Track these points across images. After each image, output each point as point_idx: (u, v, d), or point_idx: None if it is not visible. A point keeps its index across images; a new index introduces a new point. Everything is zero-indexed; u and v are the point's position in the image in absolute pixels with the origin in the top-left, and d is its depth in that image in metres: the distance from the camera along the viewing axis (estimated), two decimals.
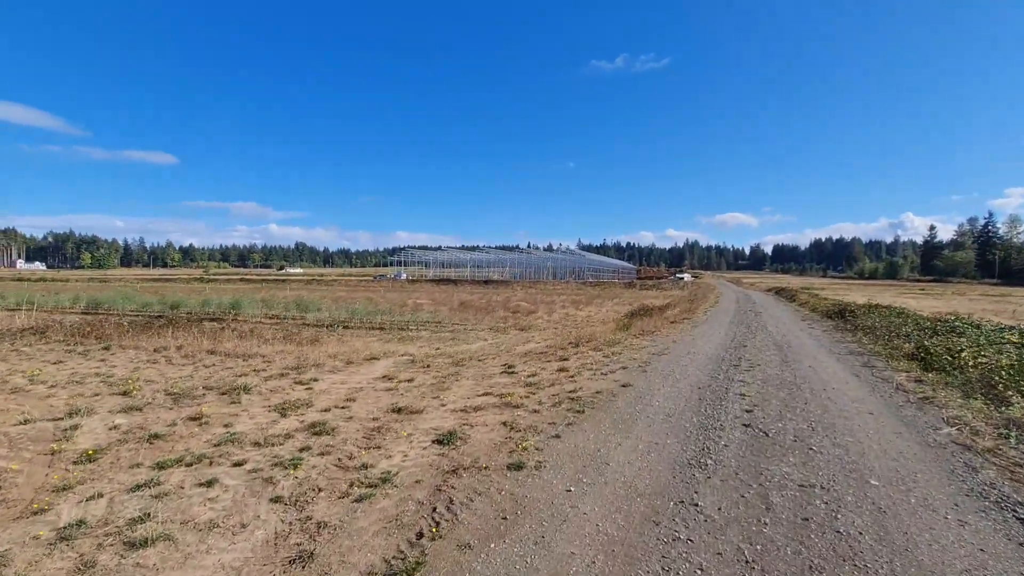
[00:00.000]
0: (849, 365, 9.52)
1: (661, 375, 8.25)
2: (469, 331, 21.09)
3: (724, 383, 7.70)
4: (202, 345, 11.00)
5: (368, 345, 16.31)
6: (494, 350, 14.04)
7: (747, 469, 4.46)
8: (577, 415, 6.01)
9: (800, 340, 13.06)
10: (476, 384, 7.87)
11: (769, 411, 6.21)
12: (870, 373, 8.75)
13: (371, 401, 6.81)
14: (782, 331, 15.00)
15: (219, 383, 7.69)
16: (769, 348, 11.44)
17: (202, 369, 8.96)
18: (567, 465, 4.55)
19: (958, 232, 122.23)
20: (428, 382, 7.99)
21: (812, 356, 10.41)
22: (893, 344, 11.90)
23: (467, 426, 5.70)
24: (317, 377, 8.30)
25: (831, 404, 6.57)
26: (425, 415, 6.14)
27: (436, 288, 59.81)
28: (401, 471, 4.47)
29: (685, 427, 5.58)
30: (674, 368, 8.83)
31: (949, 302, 33.85)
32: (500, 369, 9.14)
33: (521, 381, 7.93)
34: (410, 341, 17.76)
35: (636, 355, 10.26)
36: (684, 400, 6.68)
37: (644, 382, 7.73)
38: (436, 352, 13.14)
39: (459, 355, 11.79)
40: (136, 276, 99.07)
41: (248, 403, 6.66)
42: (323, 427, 5.61)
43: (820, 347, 11.85)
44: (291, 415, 6.13)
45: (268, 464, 4.63)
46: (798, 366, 9.25)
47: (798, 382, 7.87)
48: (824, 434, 5.39)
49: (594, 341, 12.90)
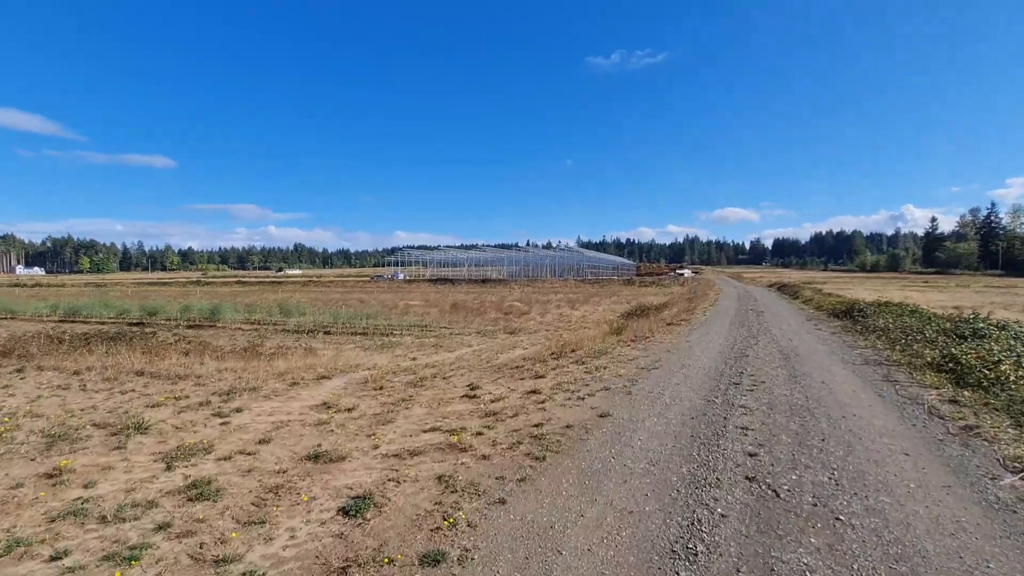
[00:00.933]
0: (868, 379, 8.25)
1: (648, 399, 6.98)
2: (456, 335, 19.88)
3: (722, 410, 6.43)
4: (133, 364, 9.75)
5: (340, 355, 15.09)
6: (473, 359, 12.86)
7: (752, 559, 3.20)
8: (535, 464, 4.76)
9: (808, 346, 11.79)
10: (428, 414, 6.62)
11: (778, 453, 4.94)
12: (893, 390, 7.47)
13: (290, 443, 5.56)
14: (787, 335, 13.73)
15: (119, 418, 6.43)
16: (774, 358, 10.17)
17: (115, 397, 7.71)
18: (503, 556, 3.30)
19: (960, 223, 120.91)
20: (371, 412, 6.73)
21: (824, 368, 9.14)
22: (912, 350, 10.63)
23: (393, 482, 4.45)
24: (243, 407, 7.04)
25: (855, 441, 5.31)
26: (346, 465, 4.89)
27: (432, 288, 58.63)
28: (272, 569, 3.22)
29: (671, 482, 4.32)
30: (664, 388, 7.56)
31: (954, 295, 32.57)
32: (463, 390, 7.88)
33: (481, 409, 6.66)
34: (389, 348, 16.53)
35: (623, 369, 8.99)
36: (673, 438, 5.41)
37: (627, 410, 6.46)
38: (406, 365, 11.92)
39: (428, 369, 10.55)
40: (133, 280, 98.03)
41: (136, 448, 5.41)
42: (207, 488, 4.35)
43: (831, 355, 10.57)
44: (179, 467, 4.88)
45: (97, 558, 3.38)
46: (809, 382, 7.98)
47: (811, 406, 6.60)
48: (852, 492, 4.12)
49: (579, 350, 11.66)
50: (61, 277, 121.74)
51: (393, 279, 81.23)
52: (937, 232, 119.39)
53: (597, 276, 76.58)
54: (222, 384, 8.40)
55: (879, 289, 40.89)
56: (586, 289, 51.21)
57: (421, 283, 72.90)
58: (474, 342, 17.54)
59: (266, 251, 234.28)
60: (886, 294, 33.31)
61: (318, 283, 76.46)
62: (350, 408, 6.89)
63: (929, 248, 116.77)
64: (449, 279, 77.56)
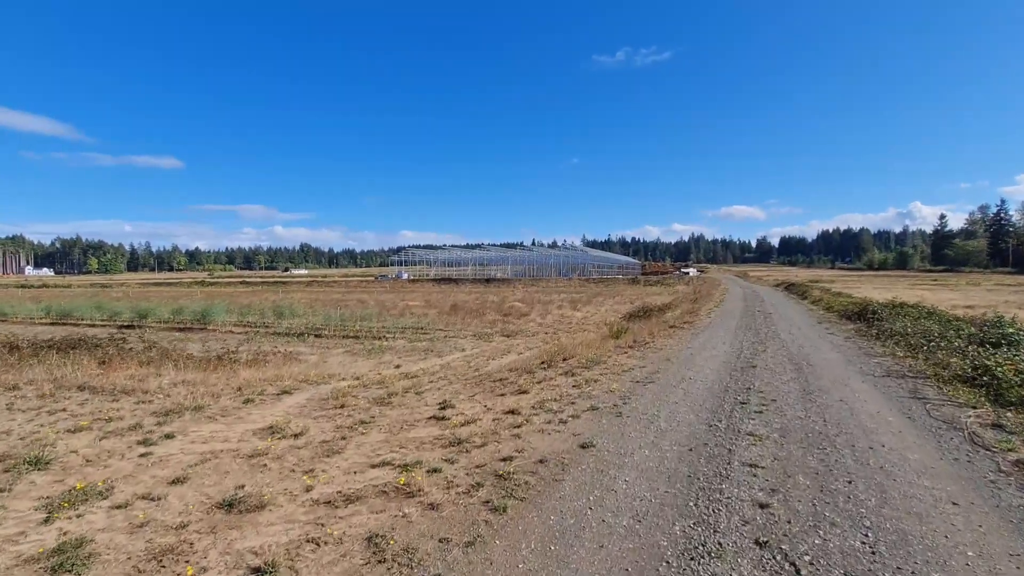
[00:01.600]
0: (892, 396, 7.26)
1: (641, 423, 6.04)
2: (450, 338, 19.03)
3: (727, 438, 5.48)
4: (79, 378, 8.92)
5: (324, 361, 14.30)
6: (461, 367, 12.05)
7: None
8: (493, 517, 3.84)
9: (821, 354, 10.79)
10: (384, 441, 5.72)
11: (796, 503, 4.00)
12: (924, 411, 6.49)
13: (209, 482, 4.68)
14: (798, 341, 12.72)
15: (28, 447, 5.58)
16: (785, 368, 9.19)
17: (41, 417, 6.87)
18: None
19: (969, 220, 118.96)
20: (320, 439, 5.85)
21: (842, 382, 8.16)
22: (937, 359, 9.63)
23: (311, 544, 3.55)
24: (178, 431, 6.17)
25: (889, 483, 4.35)
26: (264, 516, 4.00)
27: (436, 288, 57.87)
28: None
29: (659, 549, 3.39)
30: (660, 408, 6.62)
31: (967, 294, 31.33)
32: (432, 410, 6.98)
33: (446, 437, 5.75)
34: (378, 353, 15.70)
35: (616, 383, 8.06)
36: (666, 479, 4.47)
37: (614, 438, 5.52)
38: (387, 374, 11.09)
39: (405, 381, 9.69)
40: (139, 281, 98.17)
41: (24, 490, 4.55)
42: (76, 554, 3.47)
43: (848, 365, 9.58)
44: (60, 518, 4.01)
45: None
46: (826, 400, 7.01)
47: (831, 433, 5.64)
48: (895, 566, 3.16)
49: (572, 358, 10.75)
50: (69, 278, 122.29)
51: (397, 279, 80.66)
52: (946, 229, 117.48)
53: (602, 275, 75.56)
54: (168, 401, 7.54)
55: (888, 287, 39.66)
56: (590, 288, 50.24)
57: (425, 283, 72.27)
58: (468, 346, 16.70)
59: (272, 251, 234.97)
60: (896, 293, 32.12)
61: (322, 283, 75.98)
62: (297, 433, 6.01)
63: (938, 246, 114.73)
64: (453, 279, 76.85)
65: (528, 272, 78.34)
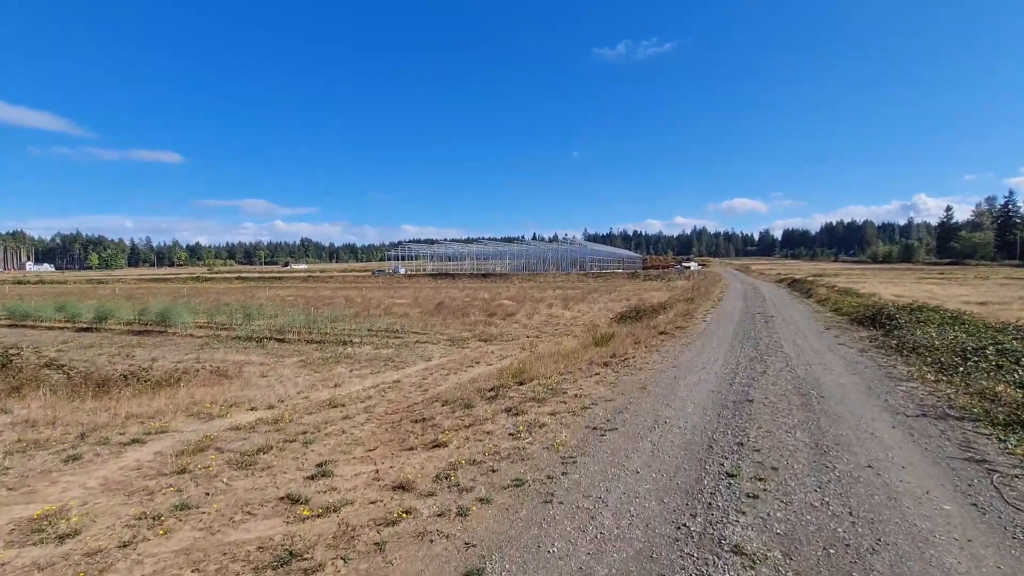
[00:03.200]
0: (940, 458, 5.23)
1: (576, 519, 4.06)
2: (422, 344, 17.22)
3: (700, 561, 3.51)
4: None
5: (263, 375, 12.51)
6: (412, 385, 10.49)
7: None
8: None
9: (834, 377, 8.79)
10: (184, 552, 3.78)
11: None
12: (994, 489, 4.50)
13: None
14: (805, 356, 10.70)
15: None
16: (790, 403, 7.19)
17: None
18: None
19: (976, 212, 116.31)
20: (93, 545, 3.89)
21: (866, 429, 6.14)
22: (981, 386, 7.66)
23: None
24: None
25: None
26: None
27: (430, 283, 56.04)
28: None
29: None
30: (612, 486, 4.63)
31: (978, 289, 29.29)
32: (299, 481, 5.03)
33: (278, 546, 3.78)
34: (332, 363, 13.90)
35: (565, 432, 6.08)
36: None
37: (522, 555, 3.56)
38: (317, 399, 9.36)
39: (322, 413, 7.80)
40: (136, 276, 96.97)
41: None
42: None
43: (870, 396, 7.56)
44: None
45: None
46: (849, 466, 5.00)
47: (864, 548, 3.62)
48: None
49: (534, 380, 8.87)
50: (67, 274, 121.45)
51: (393, 273, 79.07)
52: (952, 222, 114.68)
53: (602, 269, 73.48)
54: None
55: (895, 281, 37.60)
56: (588, 284, 48.30)
57: (421, 278, 70.53)
58: (437, 354, 14.92)
59: (273, 246, 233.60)
60: (905, 288, 30.01)
61: (318, 278, 74.43)
62: (71, 533, 4.07)
63: (944, 238, 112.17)
64: (450, 273, 75.00)
65: (526, 267, 76.38)
